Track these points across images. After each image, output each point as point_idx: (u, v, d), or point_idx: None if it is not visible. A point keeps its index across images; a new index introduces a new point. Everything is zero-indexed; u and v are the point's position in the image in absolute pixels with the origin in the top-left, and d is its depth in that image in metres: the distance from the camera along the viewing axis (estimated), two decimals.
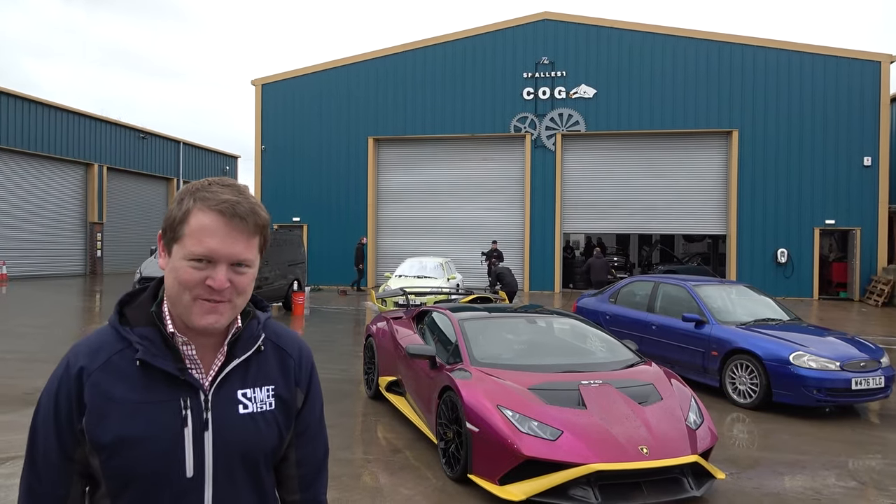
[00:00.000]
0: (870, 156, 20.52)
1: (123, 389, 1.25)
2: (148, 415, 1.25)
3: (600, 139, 22.54)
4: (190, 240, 1.24)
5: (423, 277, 16.22)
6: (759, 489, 5.00)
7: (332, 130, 23.83)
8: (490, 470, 4.51)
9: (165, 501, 1.26)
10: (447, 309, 6.42)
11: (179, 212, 1.26)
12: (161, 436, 1.25)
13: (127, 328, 1.29)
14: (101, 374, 1.25)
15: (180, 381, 1.28)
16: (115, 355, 1.27)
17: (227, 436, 1.29)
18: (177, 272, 1.25)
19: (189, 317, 1.25)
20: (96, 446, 1.24)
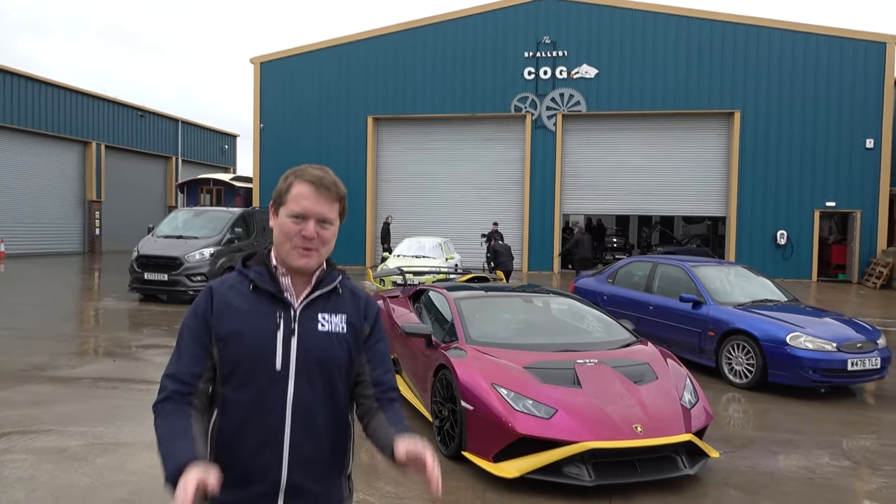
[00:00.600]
0: (872, 138, 20.38)
1: (239, 301, 1.75)
2: (253, 318, 1.73)
3: (601, 120, 22.38)
4: (291, 203, 1.75)
5: (421, 257, 16.21)
6: (752, 468, 5.02)
7: (331, 109, 23.66)
8: (484, 448, 4.51)
9: (260, 385, 1.70)
10: (443, 288, 6.39)
11: (285, 184, 1.79)
12: (261, 332, 1.71)
13: (246, 269, 1.82)
14: (226, 291, 1.77)
15: (278, 299, 1.76)
16: (236, 283, 1.80)
17: (307, 344, 1.73)
18: (282, 226, 1.75)
19: (288, 258, 1.75)
20: (217, 338, 1.72)
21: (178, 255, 13.39)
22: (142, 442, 5.14)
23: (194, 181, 26.48)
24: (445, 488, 4.42)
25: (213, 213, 15.03)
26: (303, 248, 1.74)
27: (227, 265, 13.90)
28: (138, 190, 32.68)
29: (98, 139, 29.43)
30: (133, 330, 10.49)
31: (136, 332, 10.19)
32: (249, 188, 25.25)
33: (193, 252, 13.49)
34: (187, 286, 13.25)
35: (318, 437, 1.75)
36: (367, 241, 23.37)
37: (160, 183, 34.75)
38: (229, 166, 41.18)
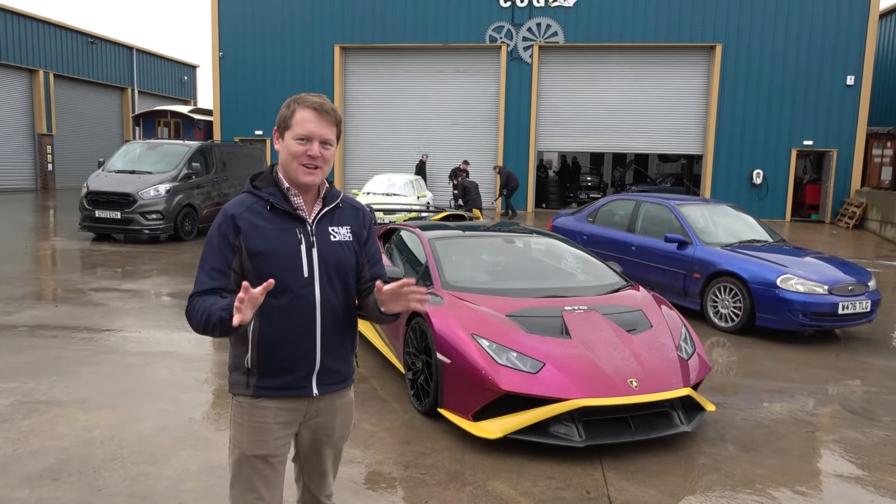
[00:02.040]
0: (853, 74, 19.95)
1: (263, 222, 2.03)
2: (279, 236, 2.03)
3: (579, 52, 21.49)
4: (296, 126, 2.02)
5: (392, 195, 15.54)
6: (748, 420, 4.69)
7: (295, 37, 22.27)
8: (463, 405, 4.06)
9: (294, 291, 2.02)
10: (416, 227, 5.82)
11: (288, 111, 2.05)
12: (288, 248, 2.02)
13: (258, 190, 2.08)
14: (247, 213, 2.03)
15: (295, 217, 2.07)
16: (253, 204, 2.06)
17: (325, 252, 2.06)
18: (289, 147, 2.03)
19: (297, 176, 2.03)
20: (251, 254, 2.00)
21: (131, 191, 12.50)
22: (78, 400, 4.58)
23: (151, 113, 25.04)
24: (419, 449, 3.98)
25: (168, 147, 14.05)
26: (309, 167, 2.02)
27: (185, 202, 13.09)
28: (93, 123, 30.94)
29: (46, 67, 27.51)
30: (82, 272, 9.76)
31: (86, 275, 9.47)
32: (210, 121, 23.97)
33: (148, 188, 12.61)
34: (142, 225, 12.43)
35: (340, 327, 2.13)
36: (336, 177, 22.50)
37: (116, 116, 32.95)
38: (189, 99, 39.24)
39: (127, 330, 6.49)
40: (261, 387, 2.06)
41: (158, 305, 7.67)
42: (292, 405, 2.09)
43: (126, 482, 3.45)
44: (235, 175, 15.01)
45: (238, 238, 2.01)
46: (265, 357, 2.05)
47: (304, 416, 2.12)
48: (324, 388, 2.12)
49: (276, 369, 2.06)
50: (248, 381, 2.06)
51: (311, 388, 2.10)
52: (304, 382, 2.08)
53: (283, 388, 2.07)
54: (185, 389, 4.86)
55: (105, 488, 3.38)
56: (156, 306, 7.61)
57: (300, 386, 2.08)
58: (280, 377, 2.06)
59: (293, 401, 2.09)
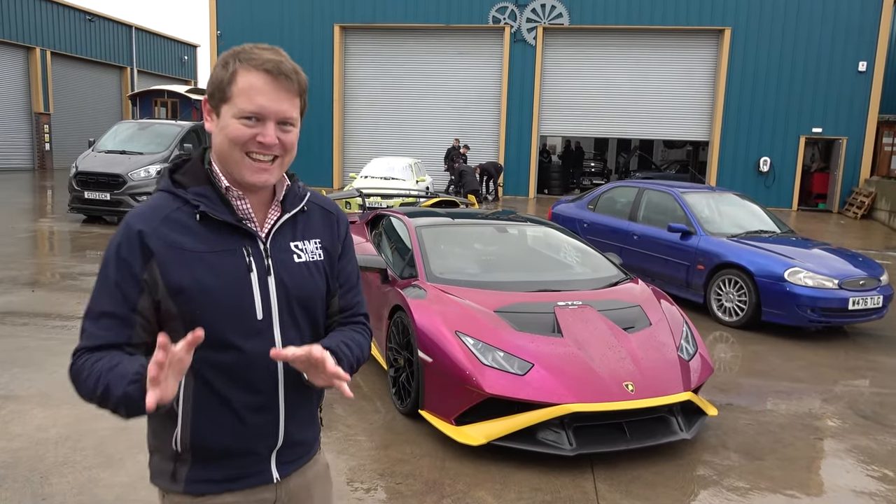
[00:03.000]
0: (865, 60, 19.42)
1: (189, 241, 1.32)
2: (217, 262, 1.34)
3: (584, 34, 20.97)
4: (240, 98, 1.32)
5: (390, 179, 15.19)
6: (752, 426, 4.39)
7: (294, 16, 21.79)
8: (445, 407, 3.77)
9: (243, 339, 1.35)
10: (404, 214, 5.50)
11: (226, 74, 1.34)
12: (232, 280, 1.34)
13: (181, 189, 1.37)
14: (163, 228, 1.32)
15: (240, 230, 1.37)
16: (172, 212, 1.34)
17: (287, 281, 1.40)
18: (227, 130, 1.34)
19: (241, 173, 1.34)
20: (172, 291, 1.31)
21: (120, 172, 12.18)
22: (37, 394, 4.30)
23: (148, 92, 24.62)
24: (397, 455, 3.69)
25: (159, 127, 13.70)
26: (259, 163, 1.34)
27: None
28: (91, 102, 30.54)
29: (42, 45, 27.07)
30: (66, 255, 9.48)
31: (70, 258, 9.18)
32: None
33: (138, 169, 12.28)
34: (132, 206, 12.11)
35: (307, 383, 1.41)
36: (335, 161, 22.13)
37: (115, 95, 32.53)
38: (190, 79, 38.77)
39: None
40: (196, 480, 1.40)
41: None
42: (249, 499, 1.44)
43: (74, 490, 3.17)
44: None
45: (149, 267, 1.30)
46: (202, 437, 1.38)
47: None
48: (286, 468, 1.49)
49: (218, 454, 1.40)
50: (176, 470, 1.40)
51: (271, 473, 1.46)
52: (260, 468, 1.45)
53: (231, 480, 1.42)
54: None
55: (50, 497, 3.10)
56: None
57: (255, 473, 1.44)
58: (225, 465, 1.41)
59: (249, 492, 1.44)
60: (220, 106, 1.35)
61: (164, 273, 1.30)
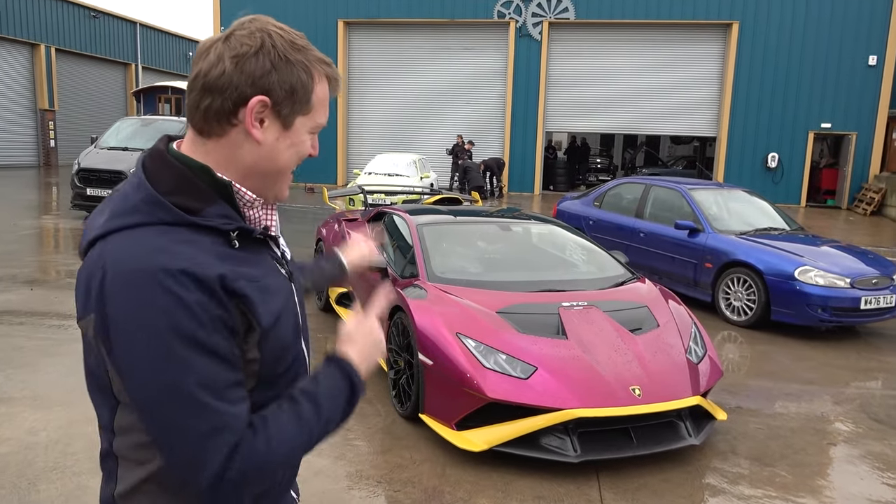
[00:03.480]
0: (876, 54, 19.14)
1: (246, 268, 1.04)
2: (274, 285, 1.09)
3: (590, 29, 20.77)
4: (319, 111, 1.13)
5: (394, 175, 15.07)
6: (762, 430, 4.26)
7: (298, 11, 21.66)
8: (445, 411, 3.66)
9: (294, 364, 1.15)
10: (405, 211, 5.39)
11: (308, 78, 1.09)
12: (287, 299, 1.13)
13: (198, 216, 1.02)
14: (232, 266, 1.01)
15: (265, 242, 1.15)
16: (210, 244, 1.01)
17: (297, 283, 1.23)
18: (302, 147, 1.12)
19: (281, 189, 1.14)
20: (263, 334, 1.04)
21: (123, 168, 12.08)
22: (30, 396, 4.21)
23: (152, 89, 24.59)
24: (396, 461, 3.59)
25: (162, 124, 13.61)
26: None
27: None
28: (96, 99, 30.50)
29: (47, 42, 27.04)
30: (67, 252, 9.41)
31: (71, 256, 9.11)
32: None
33: None
34: None
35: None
36: (339, 157, 22.02)
37: (120, 91, 32.49)
38: None
39: None
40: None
41: None
42: None
43: (62, 497, 3.08)
44: None
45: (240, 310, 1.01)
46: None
47: None
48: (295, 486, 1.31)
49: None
50: None
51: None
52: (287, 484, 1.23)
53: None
54: None
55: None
56: None
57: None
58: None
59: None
60: (294, 116, 1.08)
61: (255, 314, 1.02)
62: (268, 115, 1.06)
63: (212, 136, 1.06)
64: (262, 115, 1.05)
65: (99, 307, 0.97)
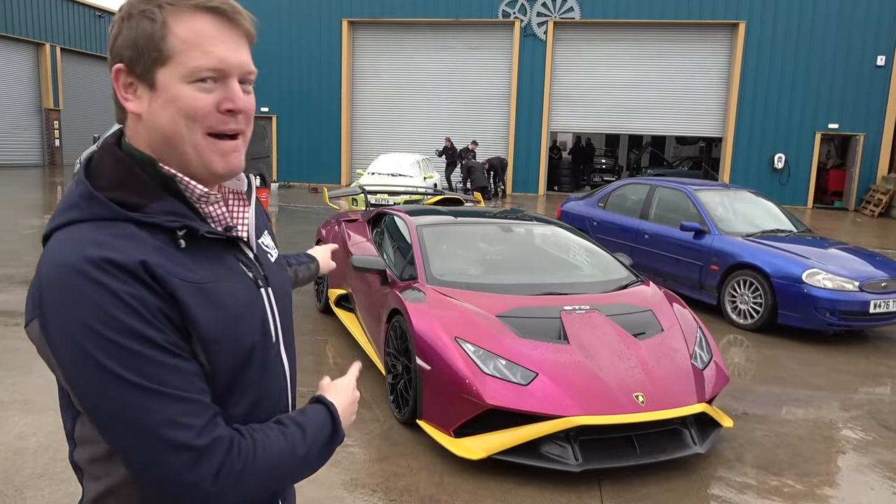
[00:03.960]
0: (884, 55, 18.96)
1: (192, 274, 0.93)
2: (230, 290, 0.98)
3: (595, 29, 20.66)
4: (190, 53, 0.94)
5: (397, 175, 15.00)
6: (769, 437, 4.15)
7: (302, 10, 21.62)
8: (444, 418, 3.57)
9: (266, 376, 1.04)
10: (405, 212, 5.30)
11: (152, 24, 0.93)
12: (249, 307, 1.01)
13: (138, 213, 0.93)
14: (161, 260, 0.90)
15: (230, 242, 1.03)
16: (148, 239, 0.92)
17: (277, 287, 1.10)
18: (179, 102, 0.94)
19: (208, 162, 0.97)
20: (204, 342, 0.92)
21: None
22: (21, 400, 4.14)
23: None
24: (393, 469, 3.50)
25: None
26: (225, 139, 0.98)
27: None
28: (101, 98, 30.50)
29: (52, 41, 27.09)
30: None
31: None
32: None
33: None
34: None
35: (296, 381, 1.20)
36: (343, 157, 21.95)
37: None
38: None
39: None
40: None
41: None
42: None
43: None
44: None
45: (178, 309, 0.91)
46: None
47: None
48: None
49: None
50: None
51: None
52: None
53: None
54: None
55: None
56: None
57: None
58: None
59: None
60: (152, 72, 0.94)
61: (192, 320, 0.91)
62: (133, 81, 0.97)
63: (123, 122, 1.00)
64: (129, 84, 0.97)
65: (38, 310, 0.91)
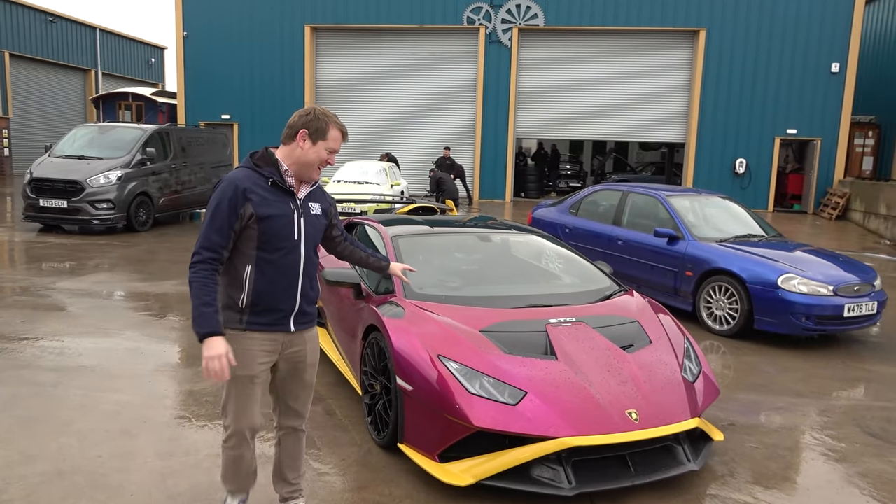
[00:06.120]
0: (838, 62, 19.48)
1: (266, 192, 2.57)
2: (280, 205, 2.59)
3: (559, 35, 20.75)
4: (332, 141, 2.64)
5: (364, 183, 14.73)
6: (759, 449, 4.05)
7: (264, 16, 21.20)
8: (427, 441, 3.35)
9: (286, 249, 2.61)
10: (378, 221, 5.08)
11: (322, 124, 2.62)
12: (286, 214, 2.61)
13: (259, 168, 2.61)
14: (252, 185, 2.55)
15: (289, 192, 2.63)
16: (255, 178, 2.58)
17: (308, 221, 2.69)
18: (319, 153, 2.62)
19: (311, 174, 2.65)
20: (259, 217, 2.53)
21: (78, 178, 11.55)
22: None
23: (111, 95, 23.83)
24: (373, 498, 3.27)
25: (121, 131, 13.05)
26: (319, 170, 2.67)
27: (140, 190, 12.15)
28: (53, 106, 29.48)
29: (1, 46, 26.05)
30: (16, 267, 8.86)
31: (19, 271, 8.57)
32: (174, 104, 22.85)
33: (97, 175, 11.66)
34: (91, 215, 11.49)
35: (313, 280, 2.74)
36: None
37: (78, 98, 31.49)
38: (157, 82, 37.81)
39: (48, 338, 5.66)
40: (252, 322, 2.61)
41: (94, 307, 6.83)
42: (273, 337, 2.66)
43: None
44: (196, 161, 14.07)
45: (245, 206, 2.51)
46: (258, 299, 2.59)
47: (281, 346, 2.69)
48: (298, 326, 2.73)
49: (264, 309, 2.61)
50: (241, 318, 2.60)
51: (290, 325, 2.69)
52: (285, 321, 2.67)
53: (269, 324, 2.64)
54: (100, 417, 4.08)
55: None
56: (91, 308, 6.77)
57: (282, 323, 2.66)
58: (267, 315, 2.63)
59: (275, 334, 2.66)
60: (317, 140, 2.60)
61: (256, 209, 2.52)
62: (306, 135, 2.60)
63: (285, 143, 2.65)
64: (305, 135, 2.60)
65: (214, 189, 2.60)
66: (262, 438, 3.79)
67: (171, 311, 6.74)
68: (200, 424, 4.01)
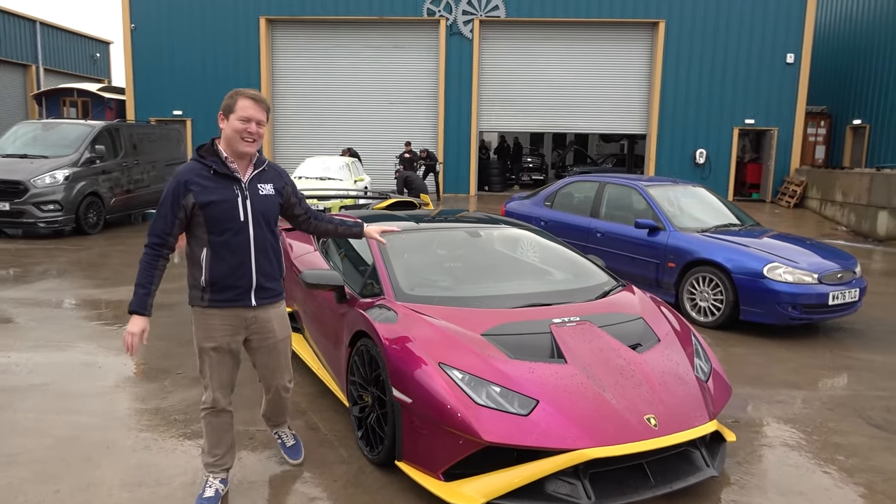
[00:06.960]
0: (793, 53, 19.84)
1: (208, 182, 2.81)
2: (223, 191, 2.82)
3: (520, 27, 20.57)
4: (240, 111, 2.80)
5: (326, 179, 14.29)
6: (770, 450, 3.88)
7: (217, 7, 20.41)
8: (430, 458, 3.05)
9: (233, 231, 2.84)
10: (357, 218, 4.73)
11: (232, 100, 2.82)
12: (229, 199, 2.83)
13: (203, 159, 2.85)
14: (196, 178, 2.81)
15: (232, 178, 2.85)
16: (200, 170, 2.83)
17: (255, 203, 2.89)
18: (234, 126, 2.79)
19: (238, 147, 2.82)
20: (201, 206, 2.78)
21: (21, 178, 10.82)
22: None
23: (55, 91, 22.68)
24: None
25: (67, 128, 12.30)
26: (247, 141, 2.81)
27: (89, 191, 11.46)
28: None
29: None
30: None
31: None
32: (122, 100, 21.85)
33: (42, 175, 10.94)
34: (36, 217, 10.78)
35: (268, 256, 2.96)
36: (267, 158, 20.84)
37: (18, 95, 29.89)
38: (104, 78, 36.20)
39: None
40: (213, 300, 2.87)
41: (43, 318, 6.30)
42: (236, 313, 2.92)
43: None
44: (149, 159, 13.40)
45: (187, 197, 2.77)
46: (215, 278, 2.85)
47: (245, 321, 2.94)
48: (260, 301, 2.95)
49: (222, 287, 2.87)
50: (202, 295, 2.88)
51: (251, 300, 2.92)
52: (244, 296, 2.91)
53: (230, 300, 2.89)
54: (56, 444, 3.65)
55: None
56: (39, 319, 6.24)
57: (242, 299, 2.91)
58: (227, 292, 2.88)
59: (236, 310, 2.91)
60: (228, 115, 2.82)
61: (197, 197, 2.79)
62: (222, 116, 2.85)
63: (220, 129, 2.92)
64: (222, 116, 2.86)
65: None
66: (251, 445, 3.43)
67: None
68: (171, 448, 3.62)
